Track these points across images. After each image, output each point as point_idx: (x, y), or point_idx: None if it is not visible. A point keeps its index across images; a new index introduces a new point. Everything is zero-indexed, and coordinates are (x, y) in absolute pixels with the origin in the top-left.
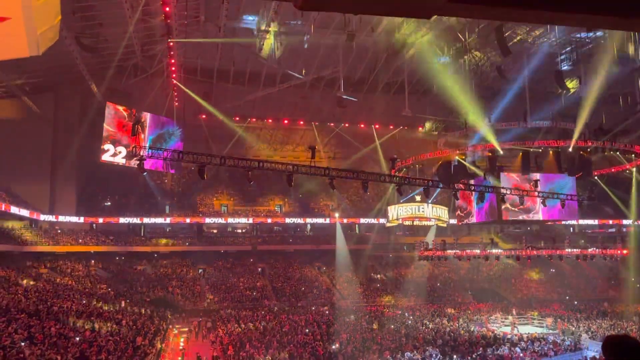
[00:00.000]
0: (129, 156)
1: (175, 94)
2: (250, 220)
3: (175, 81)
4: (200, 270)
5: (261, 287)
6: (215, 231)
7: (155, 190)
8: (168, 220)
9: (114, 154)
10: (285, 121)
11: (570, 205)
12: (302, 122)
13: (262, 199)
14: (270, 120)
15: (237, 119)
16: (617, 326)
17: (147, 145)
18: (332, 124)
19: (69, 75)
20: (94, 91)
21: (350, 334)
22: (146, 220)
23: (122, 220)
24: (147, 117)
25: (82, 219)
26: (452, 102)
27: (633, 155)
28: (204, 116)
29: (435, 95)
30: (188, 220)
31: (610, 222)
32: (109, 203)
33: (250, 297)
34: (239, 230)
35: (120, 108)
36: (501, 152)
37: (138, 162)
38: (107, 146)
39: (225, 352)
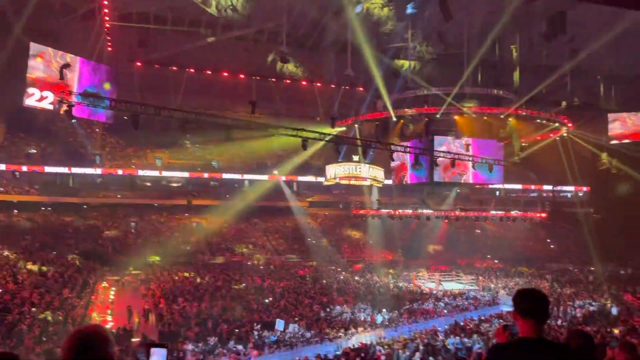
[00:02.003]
0: (56, 102)
1: (109, 38)
2: (186, 174)
3: (108, 24)
4: (132, 224)
5: (196, 242)
6: (148, 184)
7: (85, 140)
8: (99, 171)
9: (39, 99)
10: (225, 74)
11: (497, 169)
12: (242, 76)
13: (198, 153)
14: (209, 72)
15: (175, 68)
16: (531, 283)
17: (77, 91)
18: (273, 80)
19: None
20: (17, 30)
21: (284, 288)
22: (75, 170)
23: (48, 169)
24: (76, 61)
25: (3, 166)
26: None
27: (557, 123)
28: (139, 64)
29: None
30: (120, 172)
31: (533, 187)
32: (34, 150)
33: (184, 252)
34: (174, 184)
35: (47, 49)
36: (438, 116)
37: (66, 108)
38: (32, 90)
39: (157, 305)
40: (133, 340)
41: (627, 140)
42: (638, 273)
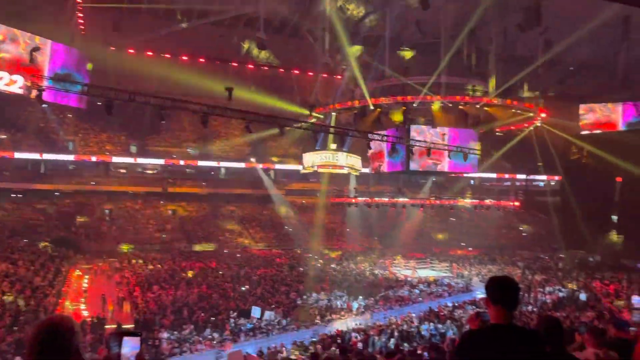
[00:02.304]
0: (26, 86)
1: (82, 21)
2: (162, 161)
3: (81, 6)
4: (106, 211)
5: (171, 230)
6: (123, 171)
7: (57, 125)
8: (72, 157)
9: (8, 83)
10: (201, 60)
11: (472, 159)
12: (219, 62)
13: (175, 140)
14: (185, 57)
15: (150, 53)
16: (504, 270)
17: (48, 75)
18: (250, 66)
19: None
20: None
21: (261, 276)
22: (47, 156)
23: (18, 155)
24: (47, 44)
25: None
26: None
27: (531, 112)
28: (113, 48)
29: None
30: (94, 159)
31: (506, 176)
32: (4, 136)
33: (159, 240)
34: (149, 171)
35: (15, 31)
36: (415, 105)
37: (37, 93)
38: (1, 73)
39: (131, 293)
40: (107, 328)
41: (598, 131)
42: (606, 260)
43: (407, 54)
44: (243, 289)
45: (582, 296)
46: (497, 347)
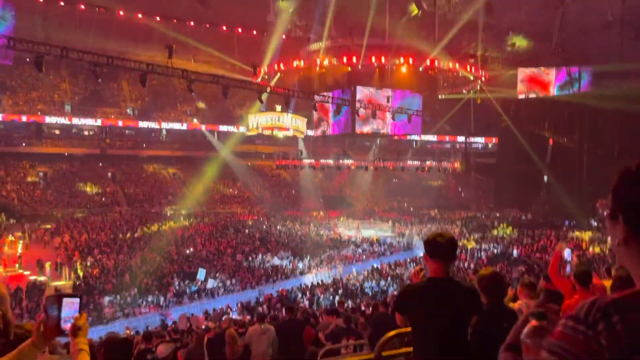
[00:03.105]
0: None
1: None
2: (99, 122)
3: None
4: (40, 174)
5: (111, 193)
6: (57, 132)
7: None
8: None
9: None
10: (140, 15)
11: (415, 121)
12: (158, 18)
13: (113, 100)
14: (121, 12)
15: (83, 7)
16: (443, 229)
17: None
18: (191, 24)
19: None
20: None
21: (205, 238)
22: None
23: None
24: None
25: None
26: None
27: (472, 76)
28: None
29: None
30: (24, 119)
31: (447, 138)
32: None
33: (99, 203)
34: (86, 132)
35: None
36: (359, 67)
37: None
38: None
39: (70, 258)
40: (46, 295)
41: (533, 95)
42: (537, 218)
43: (414, 8)
44: (188, 252)
45: (514, 252)
46: (434, 299)
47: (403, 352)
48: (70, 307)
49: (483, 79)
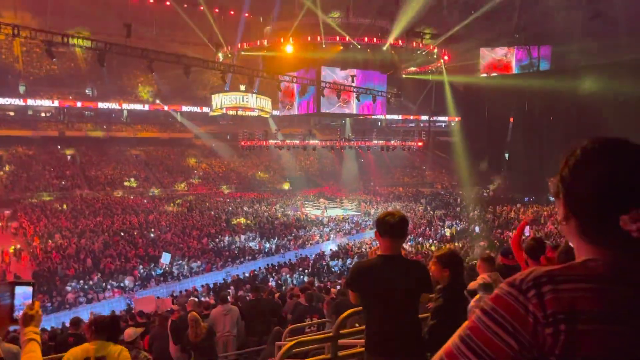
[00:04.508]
0: None
1: None
2: (56, 103)
3: None
4: None
5: (71, 176)
6: (12, 113)
7: None
8: None
9: None
10: None
11: (380, 101)
12: None
13: (70, 80)
14: None
15: None
16: (407, 207)
17: None
18: (151, 1)
19: None
20: None
21: (170, 221)
22: None
23: None
24: None
25: None
26: None
27: (435, 55)
28: None
29: None
30: None
31: (412, 117)
32: None
33: (58, 186)
34: (43, 114)
35: None
36: (323, 46)
37: None
38: None
39: (29, 243)
40: (3, 282)
41: (495, 74)
42: (497, 194)
43: None
44: (152, 235)
45: (477, 228)
46: (384, 275)
47: (361, 329)
48: (23, 294)
49: (446, 57)
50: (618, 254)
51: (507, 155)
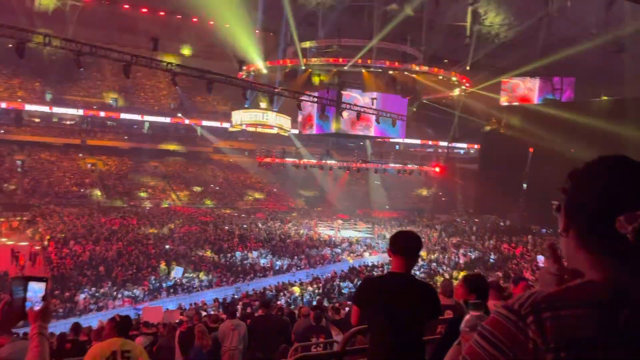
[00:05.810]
0: None
1: None
2: (80, 112)
3: None
4: (18, 162)
5: (90, 184)
6: (37, 120)
7: None
8: None
9: None
10: (126, 6)
11: (399, 124)
12: (145, 10)
13: (95, 90)
14: (107, 3)
15: None
16: (422, 233)
17: None
18: (179, 17)
19: None
20: None
21: (184, 233)
22: None
23: None
24: None
25: None
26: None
27: (457, 82)
28: None
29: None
30: (4, 105)
31: (430, 142)
32: None
33: (77, 194)
34: (67, 122)
35: None
36: (346, 68)
37: None
38: None
39: (45, 248)
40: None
41: (516, 103)
42: (514, 225)
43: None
44: (167, 247)
45: (492, 258)
46: (391, 292)
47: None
48: (36, 289)
49: (467, 84)
50: (616, 266)
51: (525, 186)
